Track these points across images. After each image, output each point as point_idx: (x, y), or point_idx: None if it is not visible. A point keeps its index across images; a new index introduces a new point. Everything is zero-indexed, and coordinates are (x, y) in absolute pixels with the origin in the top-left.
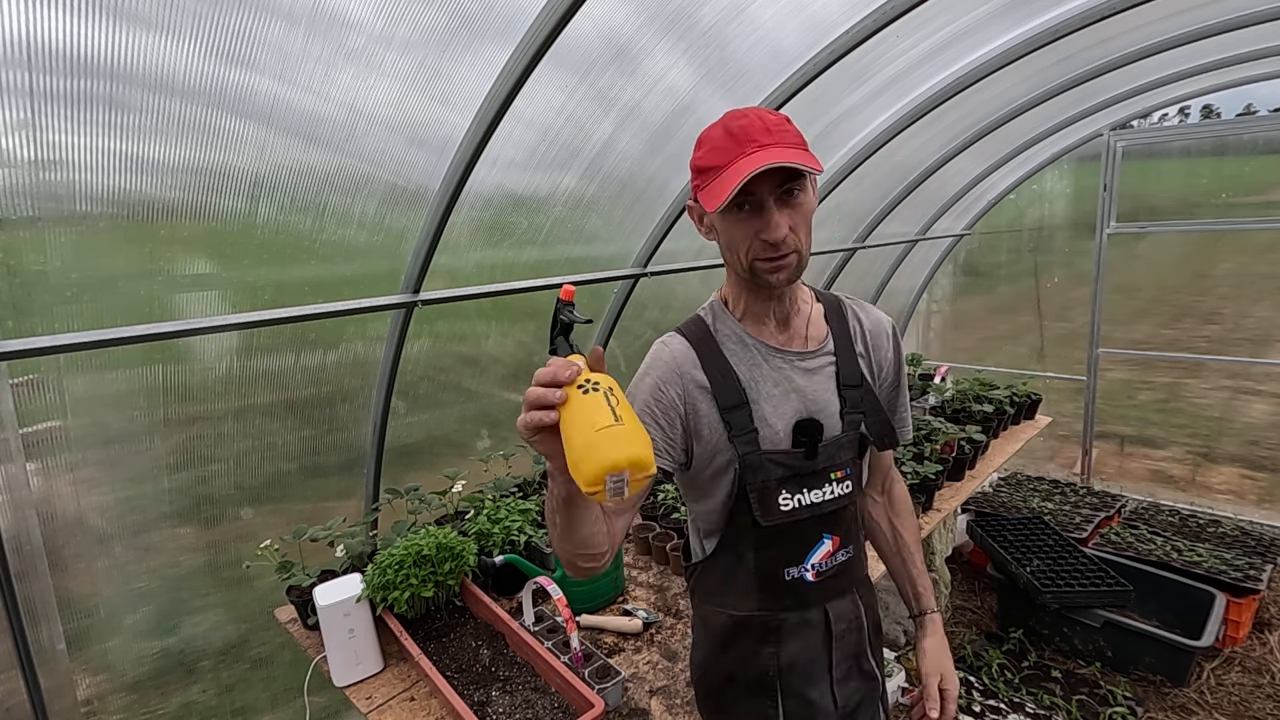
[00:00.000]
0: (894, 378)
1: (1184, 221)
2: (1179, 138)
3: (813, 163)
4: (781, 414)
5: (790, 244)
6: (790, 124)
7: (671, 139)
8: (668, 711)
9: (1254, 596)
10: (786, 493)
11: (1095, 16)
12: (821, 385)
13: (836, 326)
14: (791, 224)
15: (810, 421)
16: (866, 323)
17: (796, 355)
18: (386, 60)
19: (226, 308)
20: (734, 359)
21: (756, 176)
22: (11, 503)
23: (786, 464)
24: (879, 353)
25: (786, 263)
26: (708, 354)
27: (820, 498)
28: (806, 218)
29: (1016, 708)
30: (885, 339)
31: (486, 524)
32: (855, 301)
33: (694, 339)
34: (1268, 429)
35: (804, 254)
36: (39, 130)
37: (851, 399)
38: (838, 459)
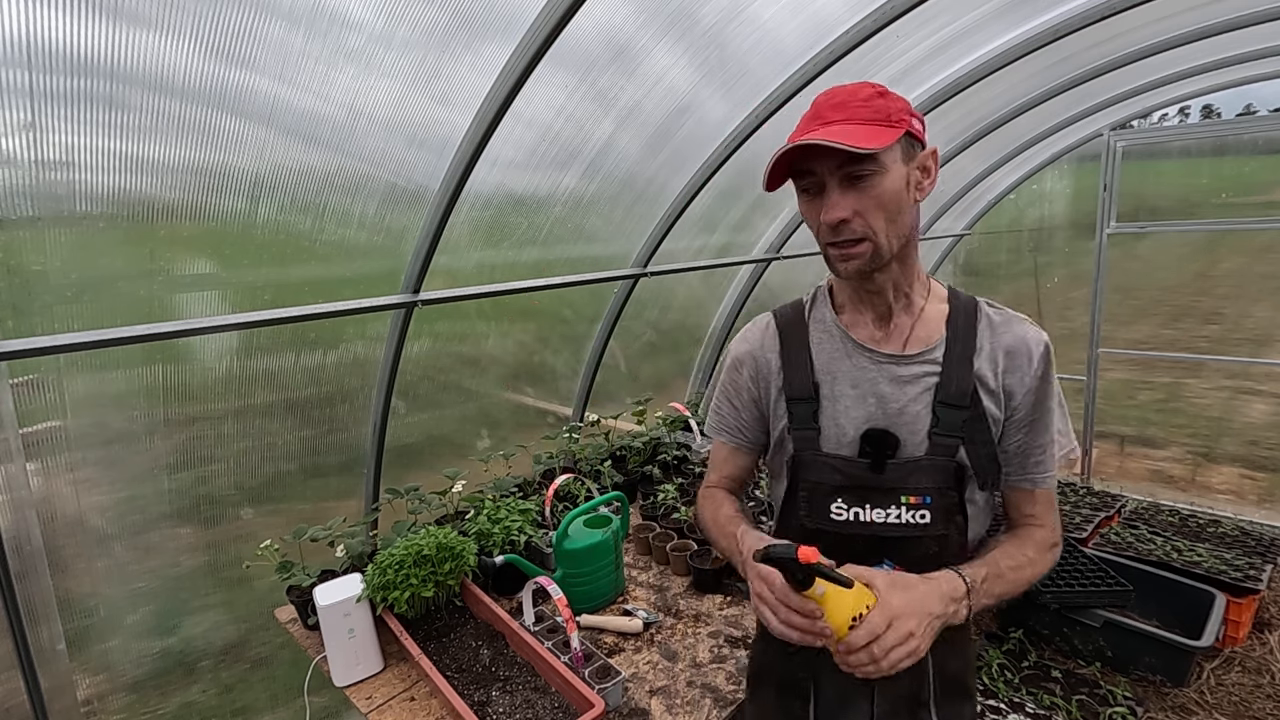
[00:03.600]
0: (1030, 410)
1: (1184, 221)
2: (1179, 138)
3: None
4: (852, 417)
5: (856, 230)
6: (882, 98)
7: (672, 139)
8: (668, 711)
9: (1254, 596)
10: (843, 502)
11: (1095, 16)
12: (912, 395)
13: (957, 334)
14: (858, 208)
15: (881, 432)
16: (1004, 337)
17: (888, 357)
18: (386, 60)
19: (226, 308)
20: (816, 349)
21: (818, 154)
22: (11, 503)
23: (846, 472)
24: (1013, 375)
25: (856, 251)
26: (791, 340)
27: (883, 518)
28: (881, 202)
29: (1016, 708)
30: (1028, 361)
31: (486, 524)
32: (1000, 310)
33: (783, 322)
34: (1268, 429)
35: (881, 242)
36: (39, 130)
37: (949, 419)
38: (913, 483)
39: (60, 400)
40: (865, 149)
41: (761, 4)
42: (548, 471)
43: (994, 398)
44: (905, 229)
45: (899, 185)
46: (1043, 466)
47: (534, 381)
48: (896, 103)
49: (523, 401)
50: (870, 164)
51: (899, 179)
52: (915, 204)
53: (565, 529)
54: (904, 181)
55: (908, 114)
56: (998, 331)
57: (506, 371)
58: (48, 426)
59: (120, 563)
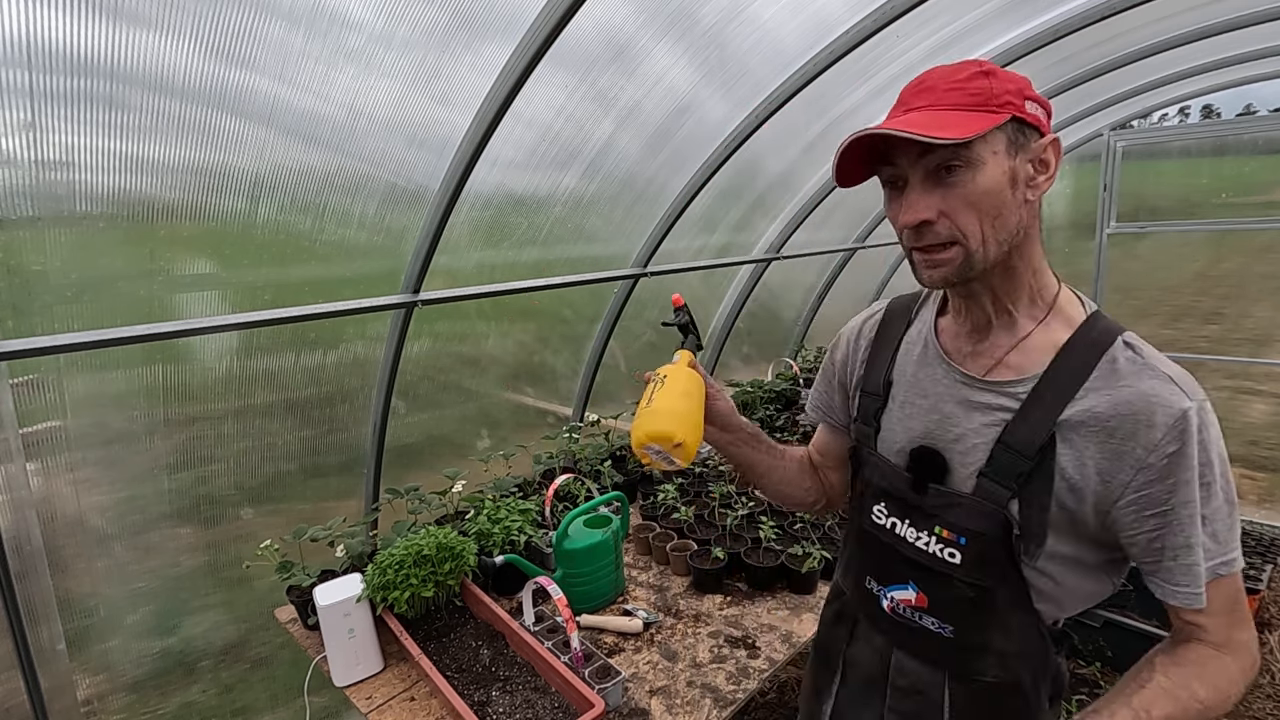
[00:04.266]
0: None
1: (1184, 221)
2: (1179, 138)
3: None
4: (908, 428)
5: (942, 233)
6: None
7: (672, 139)
8: (668, 711)
9: (1254, 596)
10: (884, 508)
11: (1095, 16)
12: (975, 425)
13: (1061, 373)
14: (945, 208)
15: (931, 453)
16: (1125, 394)
17: (966, 376)
18: (386, 60)
19: (226, 308)
20: (905, 348)
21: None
22: (11, 503)
23: (891, 479)
24: (1122, 443)
25: (944, 258)
26: (888, 332)
27: (914, 539)
28: (972, 200)
29: None
30: (1151, 430)
31: (486, 524)
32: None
33: (891, 312)
34: (1268, 429)
35: (973, 247)
36: (39, 130)
37: (1005, 465)
38: (951, 518)
39: (60, 400)
40: (941, 139)
41: (761, 4)
42: (548, 471)
43: (1079, 462)
44: (1009, 233)
45: (999, 181)
46: (1172, 579)
47: (534, 381)
48: (1005, 83)
49: (523, 401)
50: (961, 155)
51: (999, 174)
52: (1026, 203)
53: (565, 529)
54: (1008, 177)
55: (1019, 96)
56: (1123, 381)
57: (506, 371)
58: (48, 426)
59: (120, 563)
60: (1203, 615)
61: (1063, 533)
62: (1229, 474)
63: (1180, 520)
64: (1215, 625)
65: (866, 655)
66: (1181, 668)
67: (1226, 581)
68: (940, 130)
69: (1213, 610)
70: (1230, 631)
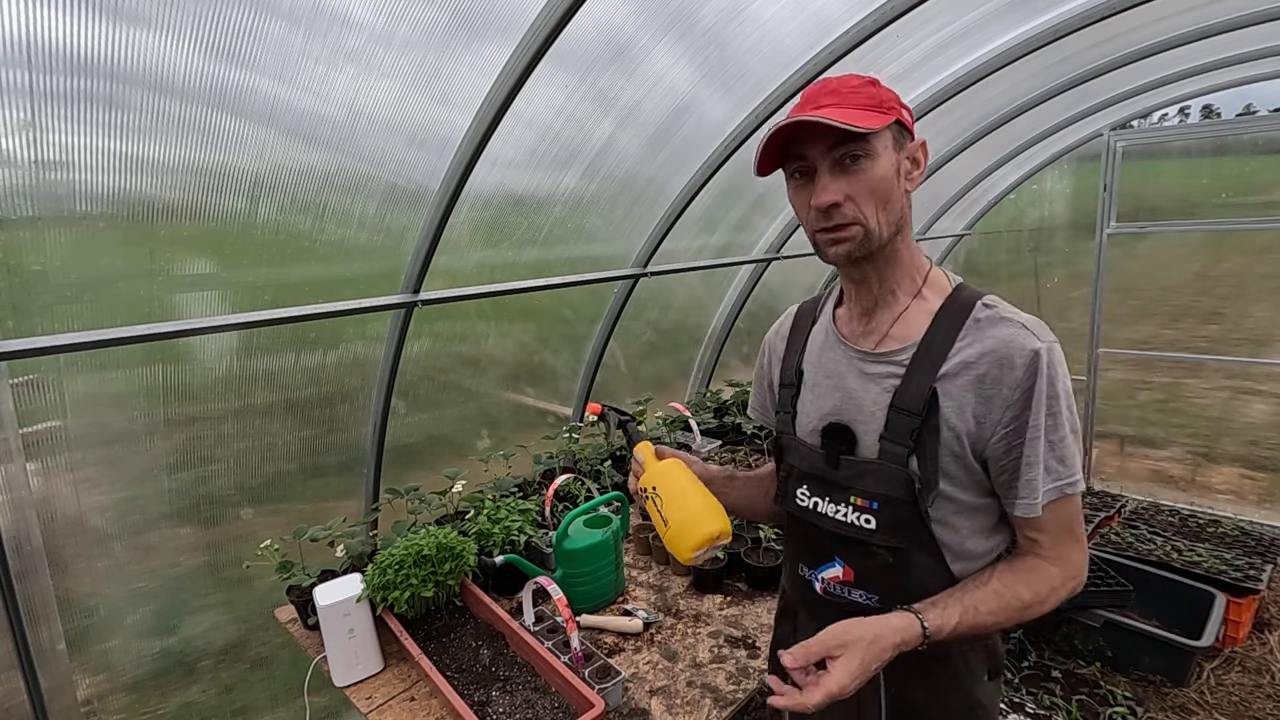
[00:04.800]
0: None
1: (1184, 221)
2: (1179, 138)
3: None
4: (819, 408)
5: (847, 214)
6: (872, 86)
7: (672, 139)
8: (668, 711)
9: (1254, 596)
10: (807, 489)
11: (1096, 16)
12: (873, 395)
13: (936, 336)
14: (850, 192)
15: (840, 427)
16: (987, 343)
17: (859, 353)
18: (386, 60)
19: (226, 308)
20: (813, 339)
21: (809, 138)
22: (11, 503)
23: (810, 460)
24: (990, 387)
25: (847, 235)
26: (798, 327)
27: (833, 513)
28: (872, 187)
29: (1016, 708)
30: (1012, 370)
31: (486, 524)
32: (996, 314)
33: (801, 311)
34: (1268, 429)
35: (872, 227)
36: (39, 130)
37: (898, 425)
38: (862, 485)
39: (60, 400)
40: (860, 127)
41: (761, 4)
42: (548, 471)
43: (959, 409)
44: (895, 217)
45: (890, 171)
46: (1016, 492)
47: (534, 381)
48: (887, 92)
49: (523, 401)
50: (862, 147)
51: (890, 165)
52: (906, 194)
53: (565, 529)
54: (895, 169)
55: (898, 104)
56: (985, 334)
57: (506, 371)
58: (48, 426)
59: (120, 563)
60: (1042, 533)
61: (954, 479)
62: (1074, 408)
63: (1028, 443)
64: (1050, 541)
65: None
66: (1014, 574)
67: (1067, 501)
68: (856, 122)
69: (1049, 527)
70: (1061, 548)
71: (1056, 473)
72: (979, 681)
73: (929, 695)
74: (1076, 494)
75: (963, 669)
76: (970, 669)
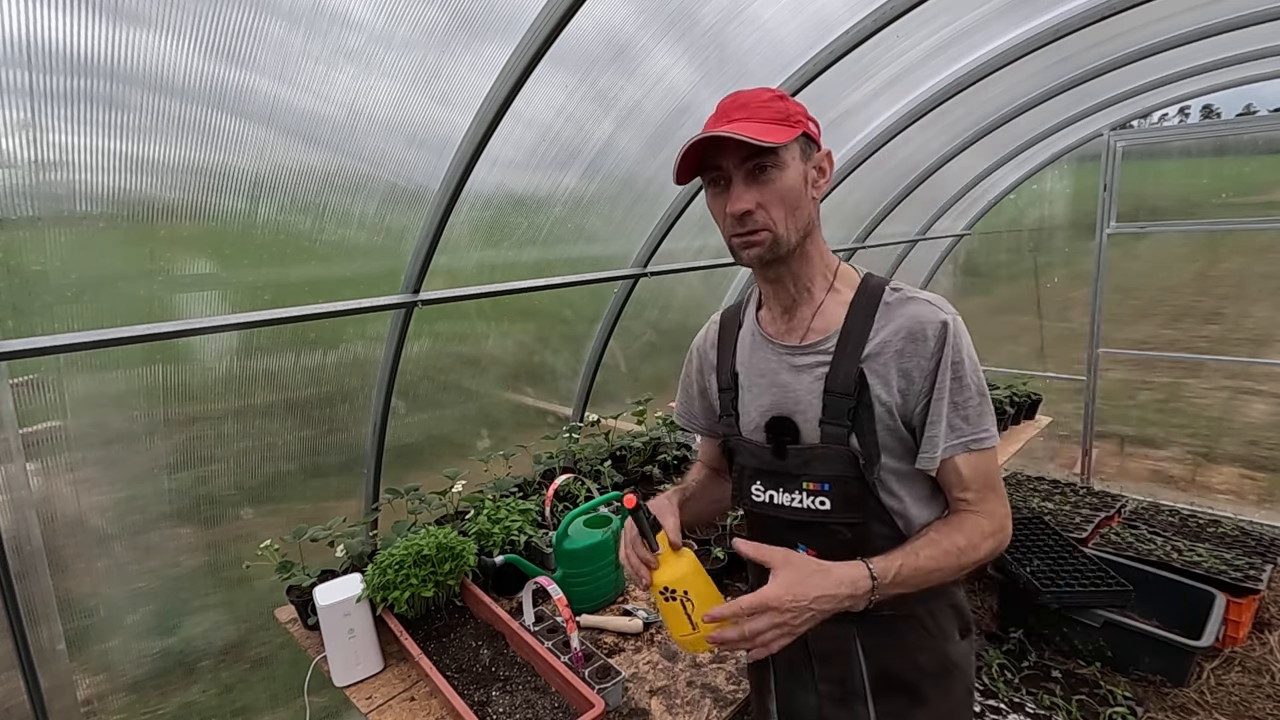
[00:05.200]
0: (928, 392)
1: (1184, 221)
2: (1179, 138)
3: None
4: (758, 406)
5: (758, 221)
6: (780, 100)
7: (671, 139)
8: (668, 711)
9: (1254, 596)
10: (760, 484)
11: (1096, 16)
12: (806, 385)
13: (854, 323)
14: (761, 200)
15: (782, 420)
16: (899, 321)
17: (787, 348)
18: (386, 60)
19: (226, 308)
20: (741, 342)
21: (723, 150)
22: (11, 503)
23: (759, 456)
24: (909, 360)
25: (757, 239)
26: (726, 334)
27: (789, 502)
28: (781, 195)
29: (1016, 708)
30: (925, 342)
31: (486, 524)
32: (903, 295)
33: (725, 318)
34: (1268, 429)
35: (780, 233)
36: (39, 130)
37: (835, 407)
38: (812, 470)
39: (60, 400)
40: (768, 142)
41: (761, 4)
42: (548, 471)
43: (886, 385)
44: (803, 223)
45: (798, 181)
46: (930, 444)
47: (534, 381)
48: (794, 106)
49: (523, 401)
50: (772, 158)
51: (798, 175)
52: (813, 200)
53: (565, 529)
54: (802, 178)
55: (805, 117)
56: (894, 314)
57: (506, 371)
58: (48, 426)
59: (120, 563)
60: (966, 491)
61: (891, 450)
62: (979, 371)
63: (934, 403)
64: (975, 497)
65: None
66: (947, 525)
67: (981, 456)
68: (765, 137)
69: (973, 483)
70: (984, 502)
71: (960, 430)
72: (950, 640)
73: (904, 658)
74: (987, 449)
75: (932, 627)
76: (940, 627)
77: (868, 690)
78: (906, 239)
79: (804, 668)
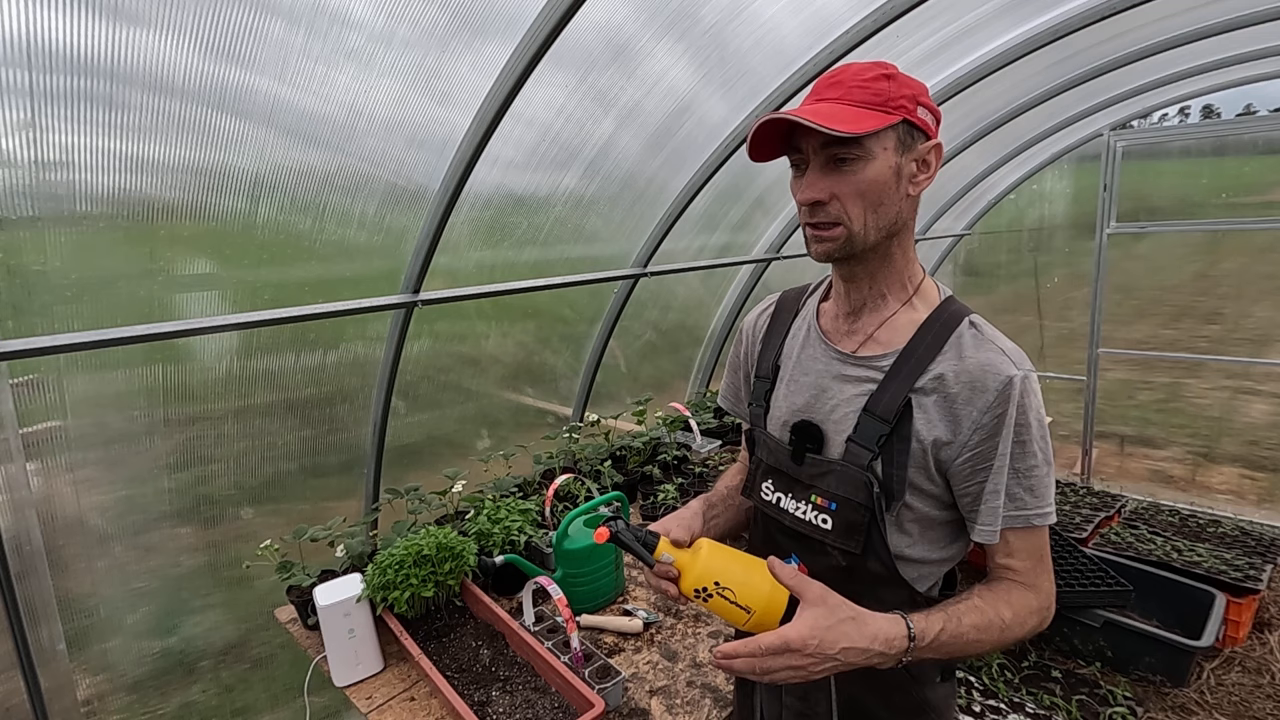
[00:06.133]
0: (978, 449)
1: (1184, 221)
2: (1179, 138)
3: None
4: (791, 404)
5: (831, 213)
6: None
7: (672, 138)
8: (668, 711)
9: (1254, 596)
10: (771, 484)
11: (1096, 16)
12: (847, 396)
13: (918, 347)
14: (837, 191)
15: (808, 425)
16: (966, 364)
17: (839, 353)
18: (386, 59)
19: (226, 308)
20: (792, 333)
21: (806, 132)
22: (11, 503)
23: (776, 454)
24: (962, 407)
25: (830, 235)
26: (779, 319)
27: (793, 510)
28: (860, 189)
29: (1016, 708)
30: (984, 394)
31: (486, 524)
32: (980, 336)
33: (783, 301)
34: (1268, 429)
35: (855, 229)
36: (39, 130)
37: (867, 430)
38: (824, 484)
39: (60, 400)
40: (840, 132)
41: (762, 3)
42: (548, 471)
43: (929, 423)
44: (888, 221)
45: (885, 174)
46: (978, 518)
47: (534, 381)
48: (903, 88)
49: (523, 401)
50: (854, 148)
51: (886, 168)
52: (907, 197)
53: (565, 529)
54: (893, 171)
55: (913, 102)
56: (965, 354)
57: (506, 371)
58: (48, 426)
59: (120, 563)
60: (1014, 559)
61: (917, 490)
62: (1048, 438)
63: (994, 471)
64: (1025, 569)
65: None
66: (994, 594)
67: (1037, 533)
68: (840, 124)
69: (1023, 555)
70: (1036, 577)
71: (1022, 501)
72: (929, 684)
73: (877, 695)
74: (1046, 525)
75: (914, 669)
76: (921, 670)
77: (835, 716)
78: None
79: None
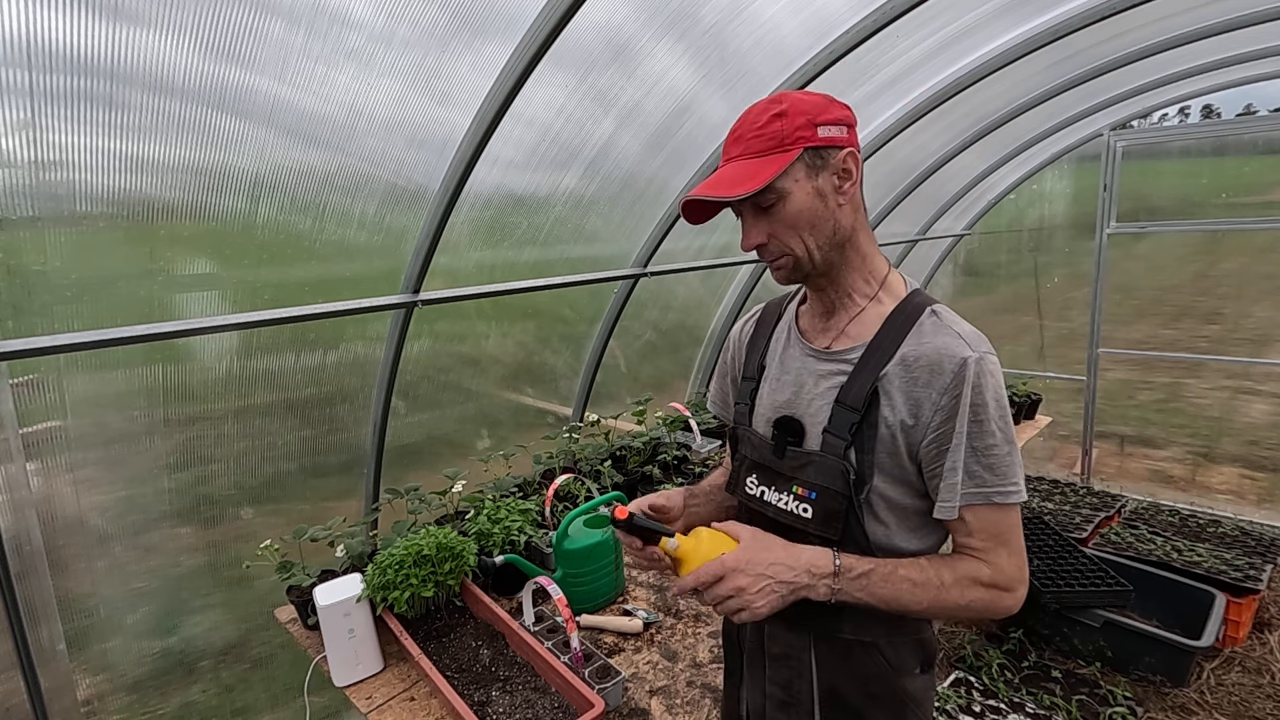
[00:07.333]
0: (938, 430)
1: (1184, 221)
2: (1179, 138)
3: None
4: (774, 401)
5: (773, 250)
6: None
7: (672, 139)
8: (668, 711)
9: (1254, 596)
10: (756, 478)
11: (1096, 16)
12: (822, 391)
13: (883, 339)
14: (771, 231)
15: (789, 419)
16: (925, 349)
17: (814, 351)
18: (386, 59)
19: (226, 308)
20: (775, 336)
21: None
22: (11, 503)
23: (760, 449)
24: (921, 389)
25: (781, 264)
26: (763, 325)
27: (777, 501)
28: (789, 223)
29: (1016, 708)
30: (940, 376)
31: (486, 524)
32: (940, 323)
33: (766, 310)
34: (1268, 429)
35: (800, 253)
36: (38, 130)
37: (840, 419)
38: (804, 475)
39: (60, 400)
40: (740, 195)
41: (762, 3)
42: (548, 471)
43: (893, 407)
44: (828, 237)
45: (807, 201)
46: (938, 494)
47: (534, 381)
48: (796, 119)
49: (523, 401)
50: (768, 194)
51: (804, 195)
52: (840, 207)
53: (565, 529)
54: (813, 195)
55: (810, 126)
56: (924, 339)
57: (506, 371)
58: (48, 426)
59: (120, 563)
60: (974, 538)
61: (887, 474)
62: (1008, 417)
63: (952, 449)
64: (983, 548)
65: (750, 632)
66: (941, 559)
67: (998, 510)
68: (740, 186)
69: (982, 535)
70: (996, 556)
71: (981, 479)
72: (908, 674)
73: (855, 683)
74: (1009, 504)
75: (892, 658)
76: (900, 660)
77: (815, 704)
78: (907, 239)
79: (759, 666)
